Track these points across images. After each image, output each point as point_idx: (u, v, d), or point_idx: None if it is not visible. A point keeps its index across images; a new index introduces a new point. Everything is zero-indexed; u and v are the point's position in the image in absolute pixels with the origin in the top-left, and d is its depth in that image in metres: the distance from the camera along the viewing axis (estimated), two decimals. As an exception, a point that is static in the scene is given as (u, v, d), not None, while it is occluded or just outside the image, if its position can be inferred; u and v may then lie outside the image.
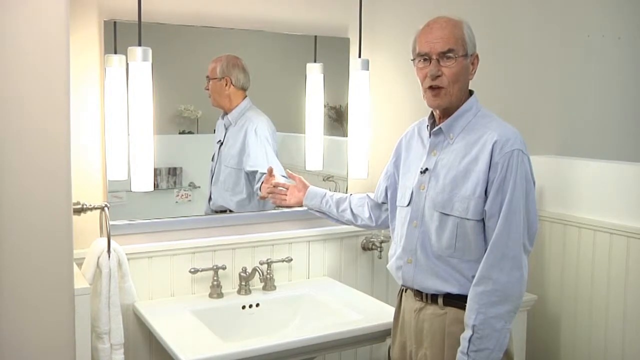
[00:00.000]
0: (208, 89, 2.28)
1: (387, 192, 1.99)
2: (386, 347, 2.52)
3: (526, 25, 2.91)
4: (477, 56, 1.74)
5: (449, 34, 1.68)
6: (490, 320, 1.62)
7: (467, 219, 1.67)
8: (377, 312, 2.10)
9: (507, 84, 2.84)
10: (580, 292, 2.60)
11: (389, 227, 2.04)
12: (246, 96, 2.32)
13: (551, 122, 3.01)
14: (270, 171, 2.28)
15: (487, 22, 2.75)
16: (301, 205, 2.25)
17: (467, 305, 1.66)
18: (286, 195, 2.27)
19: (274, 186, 2.27)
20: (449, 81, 1.69)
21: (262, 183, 2.29)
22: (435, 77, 1.69)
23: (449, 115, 1.75)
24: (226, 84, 2.27)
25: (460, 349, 1.65)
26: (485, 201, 1.66)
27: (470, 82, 1.79)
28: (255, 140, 2.33)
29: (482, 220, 1.67)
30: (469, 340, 1.62)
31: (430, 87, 1.71)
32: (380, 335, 2.04)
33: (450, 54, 1.68)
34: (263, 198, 2.29)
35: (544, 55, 2.98)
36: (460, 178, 1.69)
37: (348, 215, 2.17)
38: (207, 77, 2.27)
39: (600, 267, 2.51)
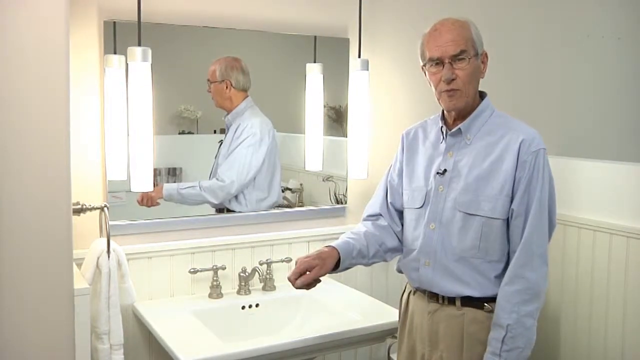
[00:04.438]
0: (210, 92, 2.28)
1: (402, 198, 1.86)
2: (386, 347, 2.52)
3: (526, 25, 2.91)
4: (486, 54, 1.73)
5: (458, 36, 1.66)
6: (522, 319, 1.61)
7: (494, 219, 1.66)
8: (377, 313, 2.10)
9: (507, 85, 2.84)
10: (580, 292, 2.60)
11: None
12: (247, 96, 2.32)
13: (551, 123, 3.00)
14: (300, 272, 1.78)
15: (487, 22, 2.74)
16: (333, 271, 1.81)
17: (498, 305, 1.64)
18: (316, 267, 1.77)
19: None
20: (463, 83, 1.67)
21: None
22: (450, 80, 1.67)
23: (464, 116, 1.73)
24: (227, 87, 2.27)
25: (490, 349, 1.63)
26: (511, 200, 1.65)
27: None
28: (236, 141, 2.32)
29: (507, 219, 1.67)
30: (502, 341, 1.61)
31: (446, 90, 1.69)
32: (380, 336, 2.04)
33: (463, 56, 1.65)
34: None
35: (544, 55, 2.98)
36: (485, 178, 1.67)
37: (379, 258, 1.87)
38: (208, 80, 2.27)
39: (600, 267, 2.51)
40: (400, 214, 1.89)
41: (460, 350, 1.70)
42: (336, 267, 1.79)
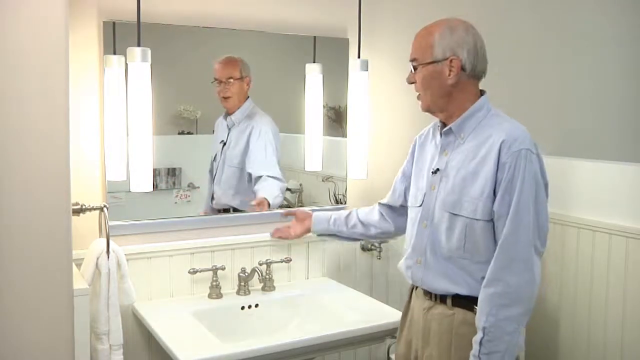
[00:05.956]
0: (220, 92, 2.27)
1: (406, 194, 1.96)
2: (385, 347, 2.52)
3: (525, 25, 2.91)
4: (455, 59, 1.70)
5: (417, 43, 1.75)
6: (501, 323, 1.60)
7: (476, 220, 1.66)
8: (376, 313, 2.10)
9: (506, 84, 2.84)
10: (579, 292, 2.60)
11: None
12: (248, 97, 2.32)
13: (550, 123, 3.01)
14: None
15: (486, 22, 2.73)
16: (309, 232, 2.17)
17: (478, 307, 1.64)
18: (290, 228, 2.21)
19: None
20: (420, 88, 1.76)
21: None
22: (410, 83, 1.79)
23: (451, 117, 1.75)
24: (247, 84, 2.28)
25: (472, 352, 1.63)
26: (493, 202, 1.64)
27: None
28: (258, 141, 2.33)
29: (492, 220, 1.66)
30: (480, 343, 1.61)
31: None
32: (379, 336, 2.04)
33: (414, 63, 1.75)
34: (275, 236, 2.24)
35: (543, 55, 2.98)
36: (470, 178, 1.68)
37: (359, 228, 2.10)
38: (222, 80, 2.26)
39: (600, 267, 2.51)
40: (392, 209, 2.04)
41: (449, 349, 1.71)
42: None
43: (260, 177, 2.33)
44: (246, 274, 2.24)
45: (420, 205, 1.80)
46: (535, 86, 2.96)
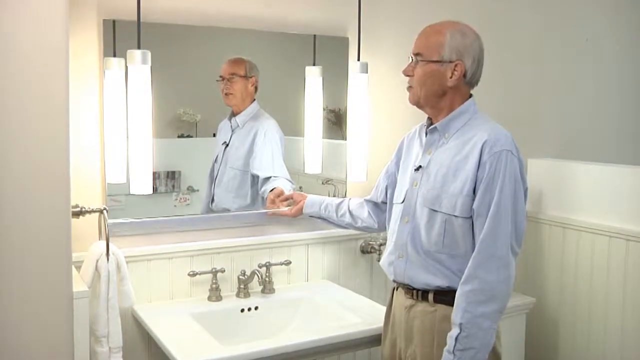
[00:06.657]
0: (222, 90, 2.27)
1: (387, 191, 2.03)
2: (385, 350, 2.51)
3: (525, 27, 2.92)
4: (460, 64, 1.73)
5: (425, 38, 1.76)
6: (476, 319, 1.63)
7: (455, 216, 1.70)
8: (376, 315, 2.10)
9: (507, 87, 2.84)
10: (579, 295, 2.60)
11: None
12: (255, 99, 2.32)
13: (550, 125, 3.01)
14: (279, 193, 2.31)
15: (486, 24, 2.74)
16: (301, 214, 2.26)
17: (455, 303, 1.67)
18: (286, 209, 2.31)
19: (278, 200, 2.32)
20: (415, 82, 1.77)
21: (268, 201, 2.32)
22: (407, 75, 1.79)
23: (437, 116, 1.80)
24: (252, 84, 2.28)
25: (446, 347, 1.67)
26: (473, 200, 1.68)
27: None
28: (263, 143, 2.33)
29: (470, 217, 1.70)
30: (456, 339, 1.64)
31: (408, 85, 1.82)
32: (379, 339, 2.04)
33: (419, 57, 1.75)
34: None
35: (543, 58, 2.98)
36: (450, 176, 1.73)
37: (347, 218, 2.19)
38: (226, 76, 2.26)
39: (599, 270, 2.51)
40: (376, 205, 2.11)
41: (432, 346, 1.74)
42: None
43: (268, 177, 2.33)
44: (246, 277, 2.24)
45: (403, 202, 1.84)
46: (535, 89, 2.96)
